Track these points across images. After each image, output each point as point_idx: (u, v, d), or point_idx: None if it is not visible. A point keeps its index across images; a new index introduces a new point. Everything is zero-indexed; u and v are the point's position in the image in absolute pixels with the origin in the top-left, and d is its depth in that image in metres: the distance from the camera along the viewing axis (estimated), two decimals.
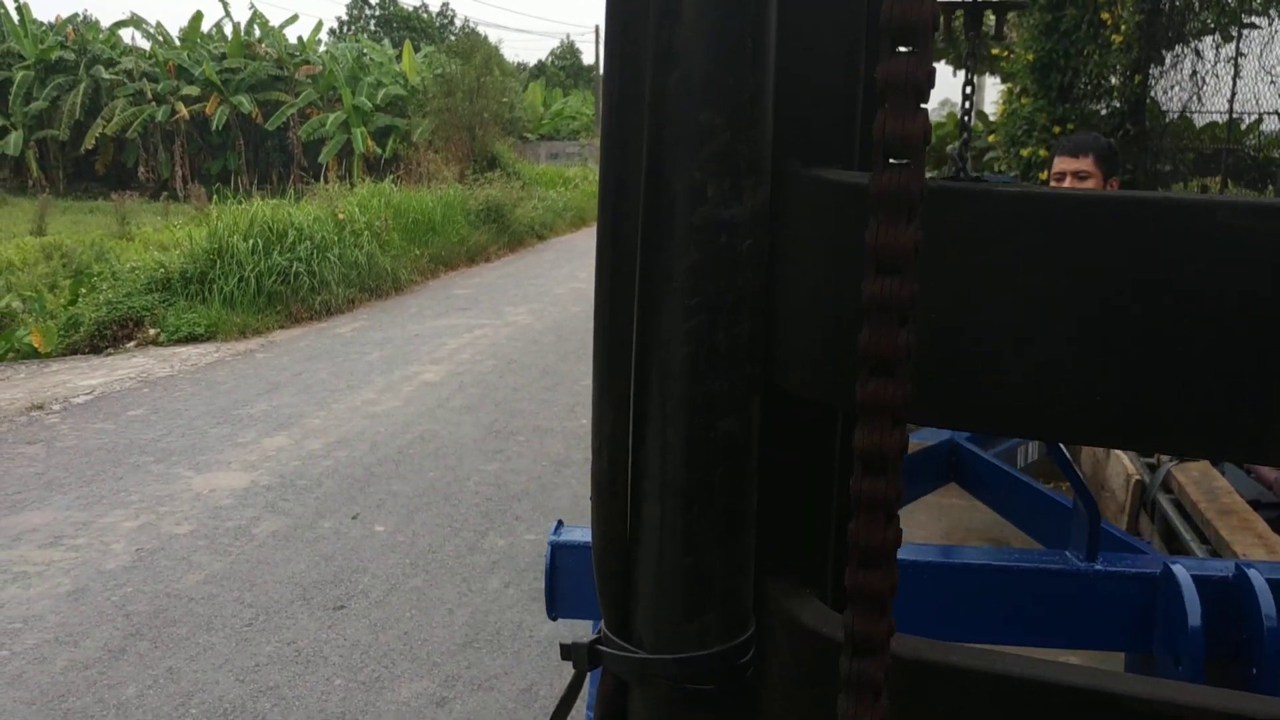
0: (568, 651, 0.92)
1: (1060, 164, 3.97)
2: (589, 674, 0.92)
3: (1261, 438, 0.62)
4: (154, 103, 29.44)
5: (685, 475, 0.79)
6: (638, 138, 0.74)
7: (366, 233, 14.96)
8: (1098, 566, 1.89)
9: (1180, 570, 1.78)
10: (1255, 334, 0.61)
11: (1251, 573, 1.77)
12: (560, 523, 2.10)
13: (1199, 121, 10.26)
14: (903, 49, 0.61)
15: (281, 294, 12.69)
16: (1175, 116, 9.78)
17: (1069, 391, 0.66)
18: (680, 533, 0.80)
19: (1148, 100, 9.75)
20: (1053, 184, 4.01)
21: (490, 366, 10.40)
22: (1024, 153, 9.22)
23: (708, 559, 0.81)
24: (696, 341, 0.75)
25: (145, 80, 29.82)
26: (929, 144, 0.62)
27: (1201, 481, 3.56)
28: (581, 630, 2.31)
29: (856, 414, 0.65)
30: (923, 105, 0.62)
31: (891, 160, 0.62)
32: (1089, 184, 3.89)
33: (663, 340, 0.76)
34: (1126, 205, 0.63)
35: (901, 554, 0.69)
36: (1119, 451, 4.10)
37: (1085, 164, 3.88)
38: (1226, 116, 9.34)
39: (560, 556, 2.03)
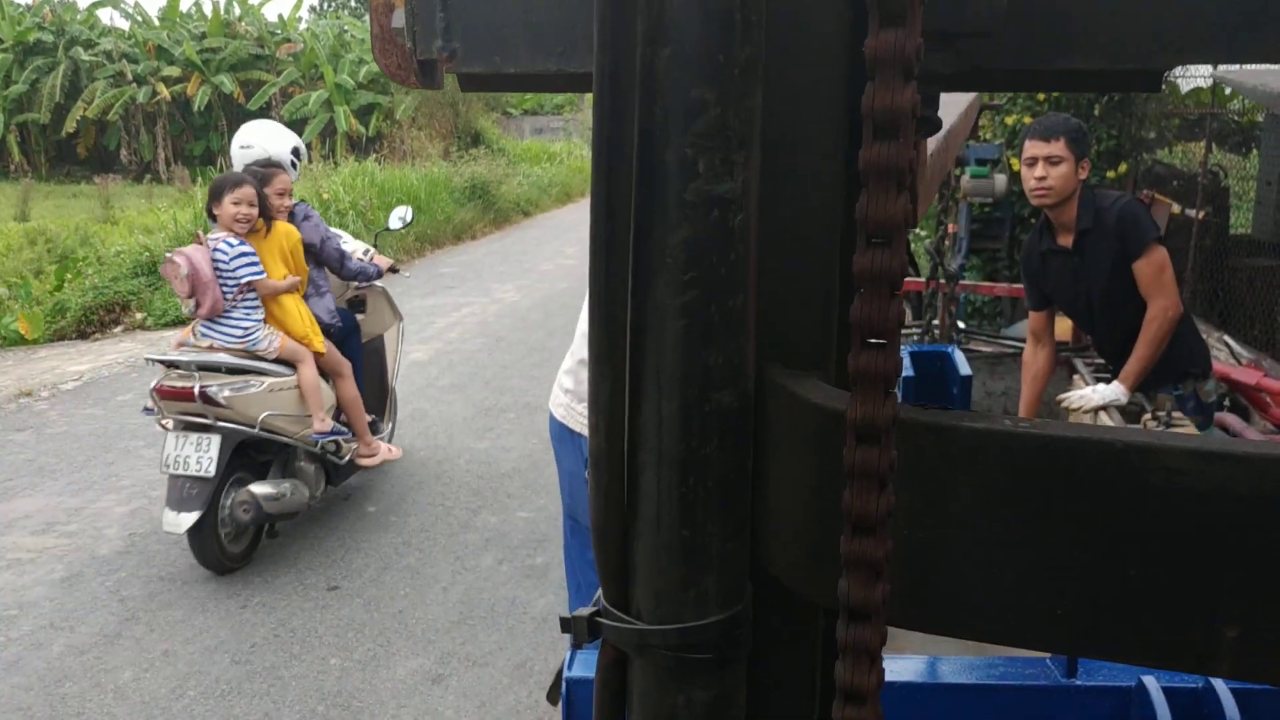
0: (567, 624, 0.93)
1: (1032, 149, 3.97)
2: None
3: (1208, 652, 0.68)
4: (134, 84, 29.18)
5: (681, 446, 0.80)
6: (630, 113, 0.74)
7: (351, 212, 14.91)
8: (1077, 681, 1.99)
9: (1152, 682, 1.90)
10: (1200, 565, 0.67)
11: (1217, 682, 1.88)
12: (574, 652, 2.06)
13: (1183, 86, 10.27)
14: (872, 342, 0.68)
15: None
16: None
17: (1024, 607, 0.72)
18: (677, 503, 0.81)
19: None
20: (1024, 169, 4.02)
21: (478, 344, 10.39)
22: (1008, 120, 9.20)
23: (704, 529, 0.82)
24: (690, 315, 0.76)
25: (125, 61, 29.55)
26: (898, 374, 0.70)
27: None
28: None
29: (837, 612, 0.72)
30: (889, 390, 0.69)
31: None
32: (1062, 168, 3.90)
33: (657, 314, 0.77)
34: (1082, 445, 0.69)
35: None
36: (1105, 418, 4.12)
37: (1057, 148, 3.89)
38: (1210, 81, 9.35)
39: (576, 690, 2.02)
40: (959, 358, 3.24)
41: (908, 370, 3.13)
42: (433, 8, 0.97)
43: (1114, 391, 4.01)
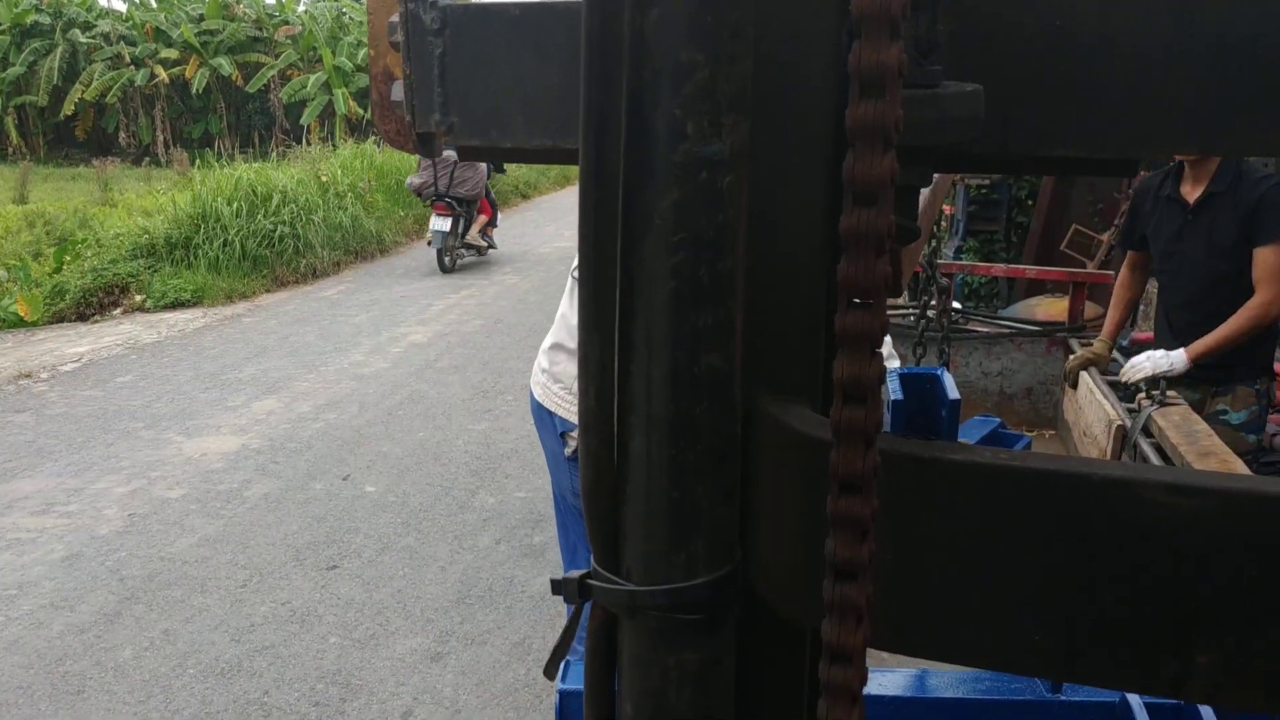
0: (559, 586, 0.93)
1: None
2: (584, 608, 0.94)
3: (1182, 677, 0.71)
4: (132, 66, 29.11)
5: (670, 409, 0.80)
6: (618, 77, 0.74)
7: (350, 195, 14.90)
8: (1062, 696, 2.03)
9: (1135, 698, 1.95)
10: (1174, 594, 0.70)
11: None
12: (568, 664, 2.10)
13: None
14: (852, 398, 0.69)
15: (266, 258, 12.65)
16: None
17: (1002, 634, 0.75)
18: (666, 466, 0.82)
19: None
20: None
21: (477, 326, 10.40)
22: None
23: (693, 491, 0.82)
24: (679, 277, 0.76)
25: (123, 44, 29.47)
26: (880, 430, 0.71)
27: (1182, 425, 3.58)
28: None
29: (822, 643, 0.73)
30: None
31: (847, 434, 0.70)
32: None
33: (646, 277, 0.77)
34: (1059, 478, 0.72)
35: (869, 687, 0.76)
36: (1101, 396, 4.13)
37: None
38: None
39: (569, 702, 2.06)
40: (948, 381, 3.28)
41: (896, 394, 3.18)
42: (431, 84, 0.99)
43: (1176, 358, 3.89)
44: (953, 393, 3.29)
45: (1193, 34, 0.80)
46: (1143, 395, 3.90)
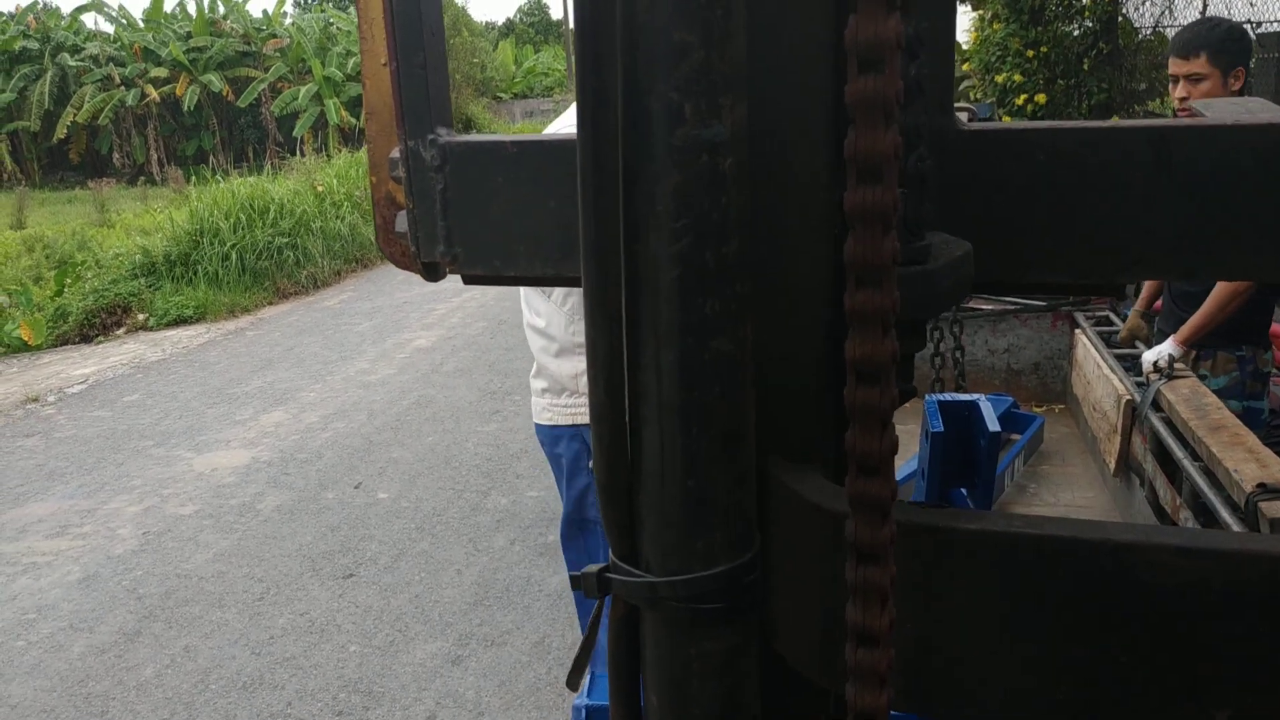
0: (578, 581, 0.93)
1: (1173, 66, 3.67)
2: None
3: None
4: (123, 87, 29.10)
5: (681, 396, 0.79)
6: (612, 62, 0.74)
7: (347, 204, 14.89)
8: None
9: None
10: (1188, 653, 0.72)
11: None
12: (592, 676, 2.12)
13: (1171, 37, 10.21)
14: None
15: (267, 270, 12.66)
16: (1148, 33, 9.73)
17: (1020, 693, 0.77)
18: (680, 454, 0.81)
19: (1120, 18, 9.70)
20: (1170, 85, 3.72)
21: (481, 329, 10.39)
22: (998, 79, 9.16)
23: (709, 478, 0.81)
24: (684, 263, 0.75)
25: (112, 65, 29.46)
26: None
27: (1192, 399, 3.55)
28: None
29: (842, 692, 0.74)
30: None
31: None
32: (1204, 85, 3.54)
33: (651, 264, 0.76)
34: (1074, 544, 0.74)
35: None
36: (1109, 372, 4.11)
37: (1197, 65, 3.54)
38: None
39: (592, 718, 2.06)
40: (987, 410, 3.20)
41: (936, 425, 3.13)
42: (434, 217, 1.01)
43: (1165, 347, 3.86)
44: (992, 424, 3.22)
45: (1170, 167, 0.83)
46: (1149, 370, 3.86)
